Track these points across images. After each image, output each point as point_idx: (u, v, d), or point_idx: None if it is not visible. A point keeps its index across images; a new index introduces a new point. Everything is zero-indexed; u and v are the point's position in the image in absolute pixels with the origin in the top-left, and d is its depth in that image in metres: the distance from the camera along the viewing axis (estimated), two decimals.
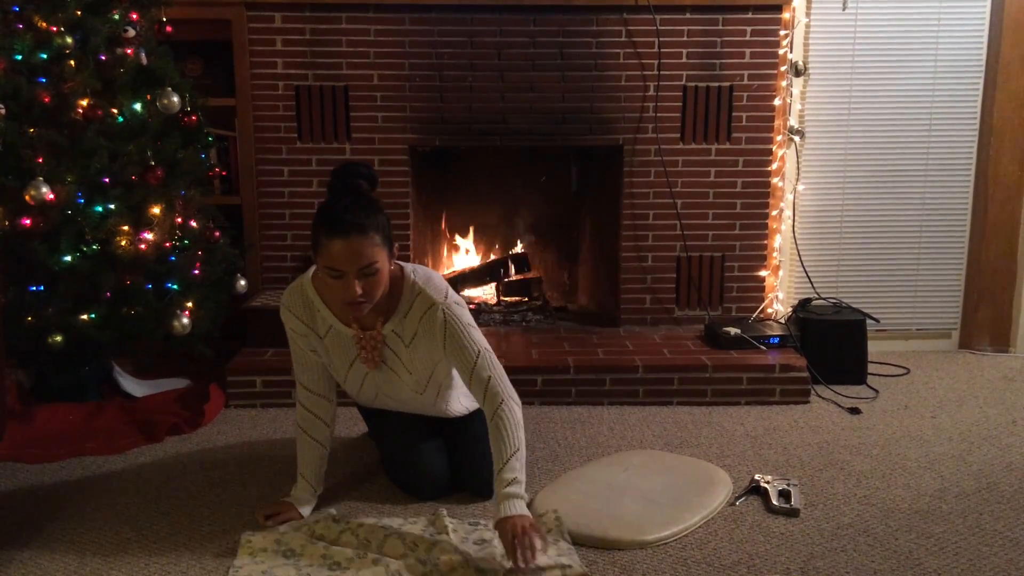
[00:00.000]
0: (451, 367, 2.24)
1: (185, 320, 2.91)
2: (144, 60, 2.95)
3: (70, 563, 2.03)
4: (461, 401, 2.41)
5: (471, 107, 3.51)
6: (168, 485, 2.47)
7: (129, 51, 2.89)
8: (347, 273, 1.95)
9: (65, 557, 2.06)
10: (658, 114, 3.55)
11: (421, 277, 2.15)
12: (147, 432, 2.83)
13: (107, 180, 2.78)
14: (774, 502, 2.29)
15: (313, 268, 2.16)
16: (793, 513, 2.26)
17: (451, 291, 2.17)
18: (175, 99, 2.94)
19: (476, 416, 2.42)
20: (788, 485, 2.36)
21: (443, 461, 2.38)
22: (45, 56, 2.71)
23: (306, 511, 2.23)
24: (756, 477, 2.42)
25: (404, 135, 3.52)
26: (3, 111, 2.59)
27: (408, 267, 2.18)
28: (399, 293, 2.13)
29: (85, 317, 2.77)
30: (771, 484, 2.37)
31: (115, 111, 2.84)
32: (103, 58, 2.82)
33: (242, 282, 3.29)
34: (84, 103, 2.74)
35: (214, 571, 2.00)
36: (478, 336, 2.14)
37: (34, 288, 2.72)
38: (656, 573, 1.97)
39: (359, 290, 1.96)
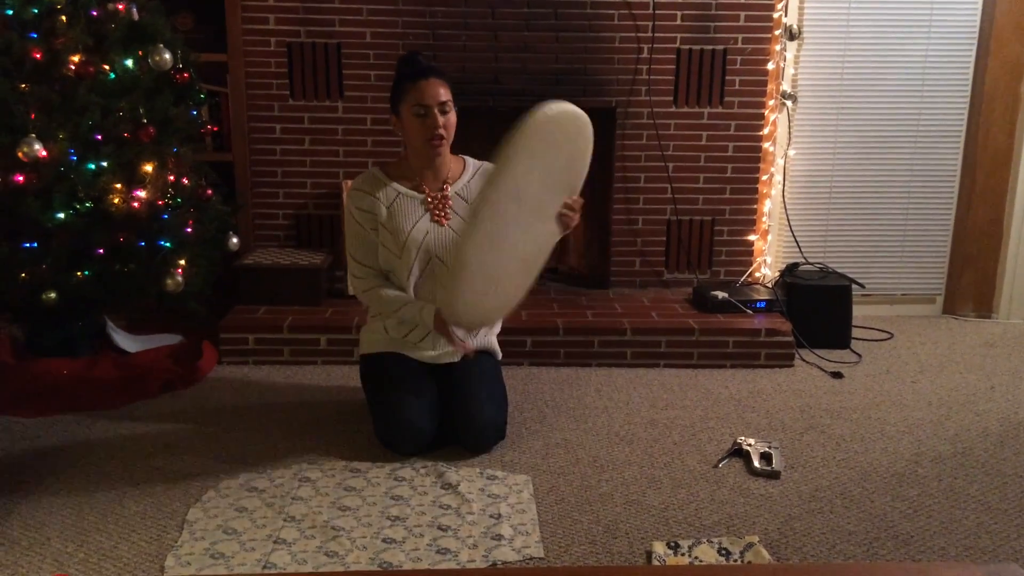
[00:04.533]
0: None
1: (178, 278, 2.93)
2: (136, 16, 2.92)
3: (67, 516, 2.08)
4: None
5: (464, 67, 3.50)
6: (163, 440, 2.51)
7: (120, 7, 2.87)
8: (431, 108, 2.37)
9: (62, 511, 2.11)
10: (651, 76, 3.55)
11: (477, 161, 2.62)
12: (141, 387, 2.87)
13: (99, 137, 2.78)
14: (756, 464, 2.35)
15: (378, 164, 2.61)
16: (774, 475, 2.32)
17: None
18: (167, 56, 2.92)
19: (482, 359, 2.56)
20: (770, 448, 2.43)
21: (427, 413, 2.42)
22: (36, 11, 2.69)
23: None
24: (739, 440, 2.48)
25: None
26: None
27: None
28: (462, 167, 2.59)
29: (79, 274, 2.79)
30: (753, 447, 2.43)
31: (107, 68, 2.82)
32: (94, 14, 2.80)
33: (234, 240, 3.30)
34: (76, 59, 2.73)
35: None
36: None
37: (27, 245, 2.73)
38: (638, 532, 2.04)
39: (441, 122, 2.38)
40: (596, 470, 2.35)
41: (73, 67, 2.73)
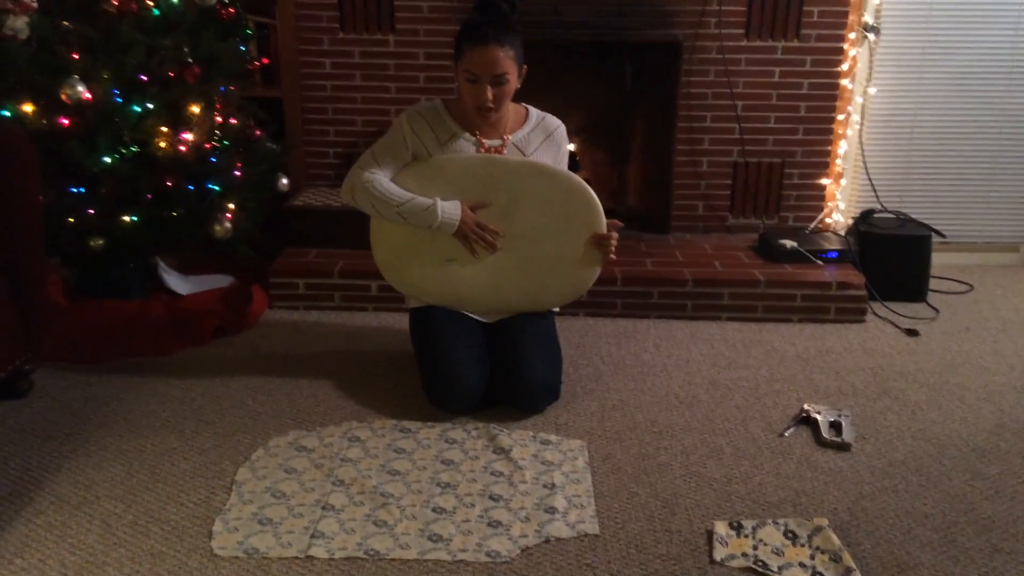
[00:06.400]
0: None
1: (227, 224, 2.87)
2: None
3: (117, 473, 2.06)
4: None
5: None
6: (212, 392, 2.48)
7: None
8: (482, 79, 2.23)
9: (112, 467, 2.09)
10: (722, 7, 3.31)
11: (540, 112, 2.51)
12: (192, 333, 2.83)
13: (144, 78, 2.68)
14: (824, 435, 2.22)
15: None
16: (844, 447, 2.19)
17: None
18: None
19: (537, 317, 2.47)
20: (839, 416, 2.29)
21: (477, 371, 2.34)
22: None
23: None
24: (806, 407, 2.35)
25: (451, 26, 3.34)
26: (36, 5, 2.48)
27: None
28: (524, 116, 2.47)
29: (126, 219, 2.74)
30: (821, 415, 2.30)
31: (150, 3, 2.71)
32: None
33: (284, 180, 3.21)
34: None
35: None
36: None
37: (74, 189, 2.68)
38: (699, 508, 1.94)
39: (490, 95, 2.26)
40: (654, 436, 2.25)
41: (115, 3, 2.62)
